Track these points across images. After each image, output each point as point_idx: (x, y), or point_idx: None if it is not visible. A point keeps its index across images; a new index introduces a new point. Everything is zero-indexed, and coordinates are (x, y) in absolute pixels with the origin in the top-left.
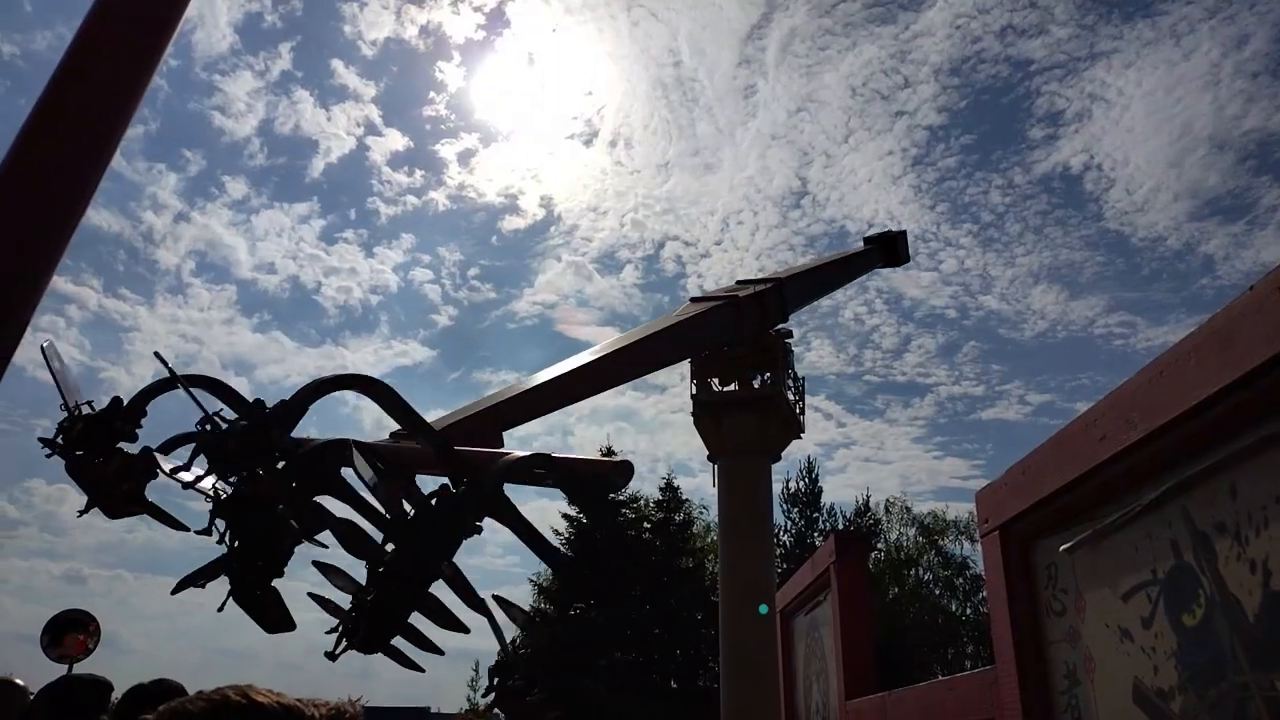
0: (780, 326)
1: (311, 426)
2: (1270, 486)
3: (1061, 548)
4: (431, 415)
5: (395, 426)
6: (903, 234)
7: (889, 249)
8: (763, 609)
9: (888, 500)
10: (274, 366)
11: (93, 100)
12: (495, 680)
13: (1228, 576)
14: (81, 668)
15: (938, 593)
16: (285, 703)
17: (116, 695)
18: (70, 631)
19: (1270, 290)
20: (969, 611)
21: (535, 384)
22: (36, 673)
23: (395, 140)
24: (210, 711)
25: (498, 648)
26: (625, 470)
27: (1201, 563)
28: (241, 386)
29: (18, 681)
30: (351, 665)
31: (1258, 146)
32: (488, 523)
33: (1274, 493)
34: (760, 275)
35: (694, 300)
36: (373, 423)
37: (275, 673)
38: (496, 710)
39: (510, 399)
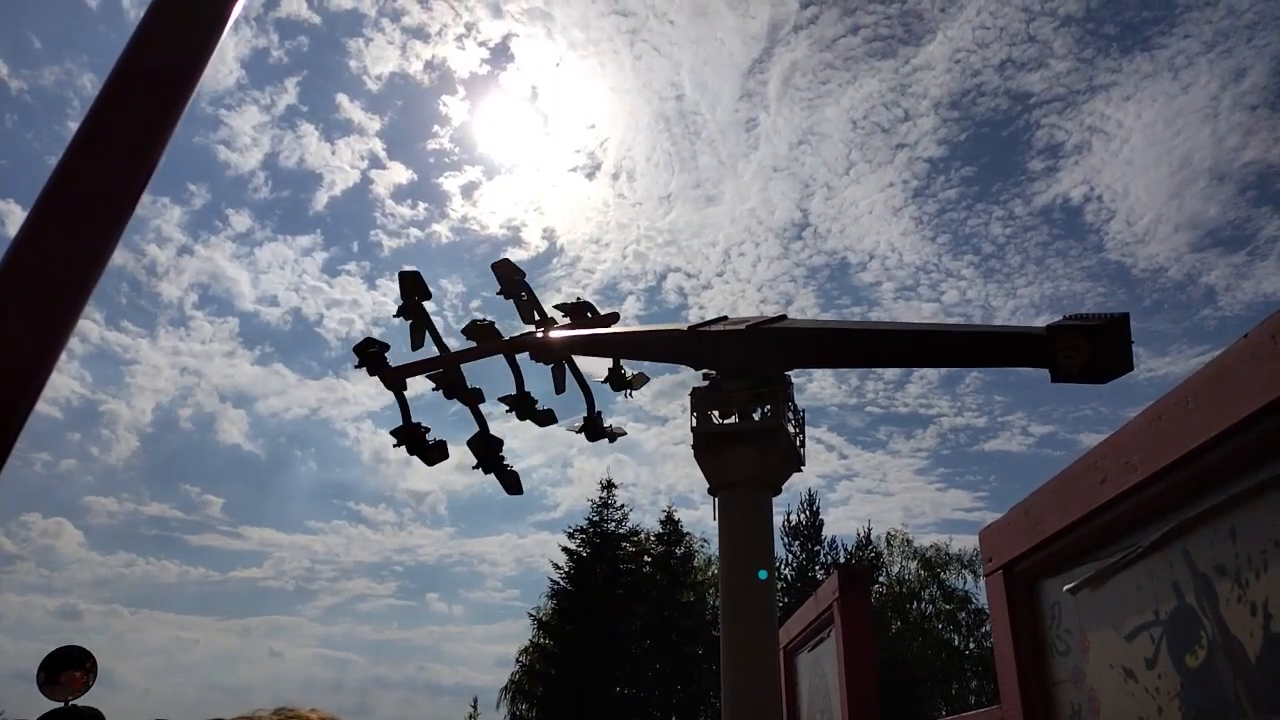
0: None
1: (311, 459)
2: (1269, 530)
3: (1065, 588)
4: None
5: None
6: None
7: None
8: (762, 574)
9: (889, 533)
10: (274, 399)
11: (120, 150)
12: None
13: (1229, 618)
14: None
15: (940, 626)
16: None
17: None
18: (67, 668)
19: (1265, 338)
20: (972, 645)
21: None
22: (32, 712)
23: (399, 173)
24: None
25: (497, 684)
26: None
27: (1203, 604)
28: (240, 419)
29: None
30: (345, 702)
31: (1257, 178)
32: (484, 563)
33: (1273, 536)
34: (769, 313)
35: (691, 328)
36: (370, 454)
37: (272, 708)
38: None
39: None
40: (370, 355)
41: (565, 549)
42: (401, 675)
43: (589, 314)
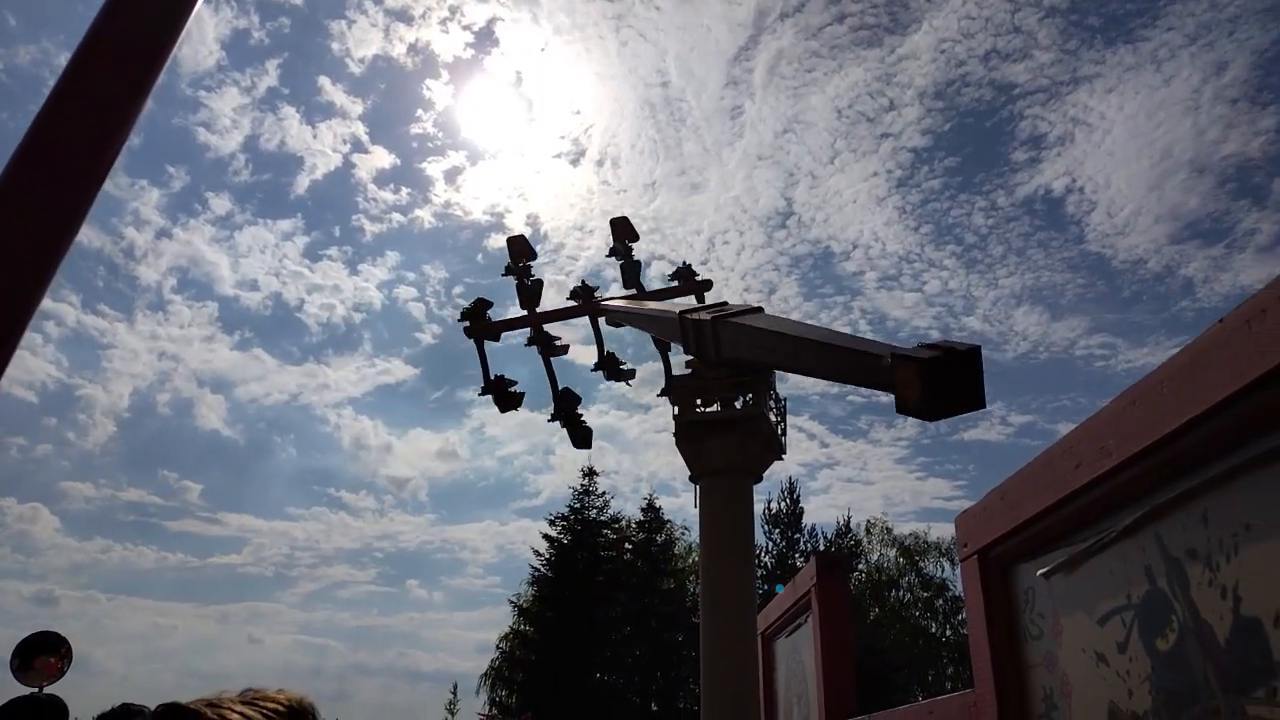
0: None
1: (291, 445)
2: (1240, 514)
3: (1039, 572)
4: (415, 433)
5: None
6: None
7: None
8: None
9: (869, 521)
10: (254, 384)
11: (89, 120)
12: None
13: (1199, 602)
14: (52, 690)
15: (918, 614)
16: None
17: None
18: (41, 654)
19: (1239, 324)
20: (949, 633)
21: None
22: (4, 697)
23: (381, 158)
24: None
25: (477, 670)
26: None
27: (1174, 588)
28: (219, 404)
29: None
30: (324, 688)
31: (1236, 171)
32: (465, 550)
33: (1244, 520)
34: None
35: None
36: (350, 440)
37: None
38: None
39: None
40: (474, 310)
41: (546, 536)
42: (381, 662)
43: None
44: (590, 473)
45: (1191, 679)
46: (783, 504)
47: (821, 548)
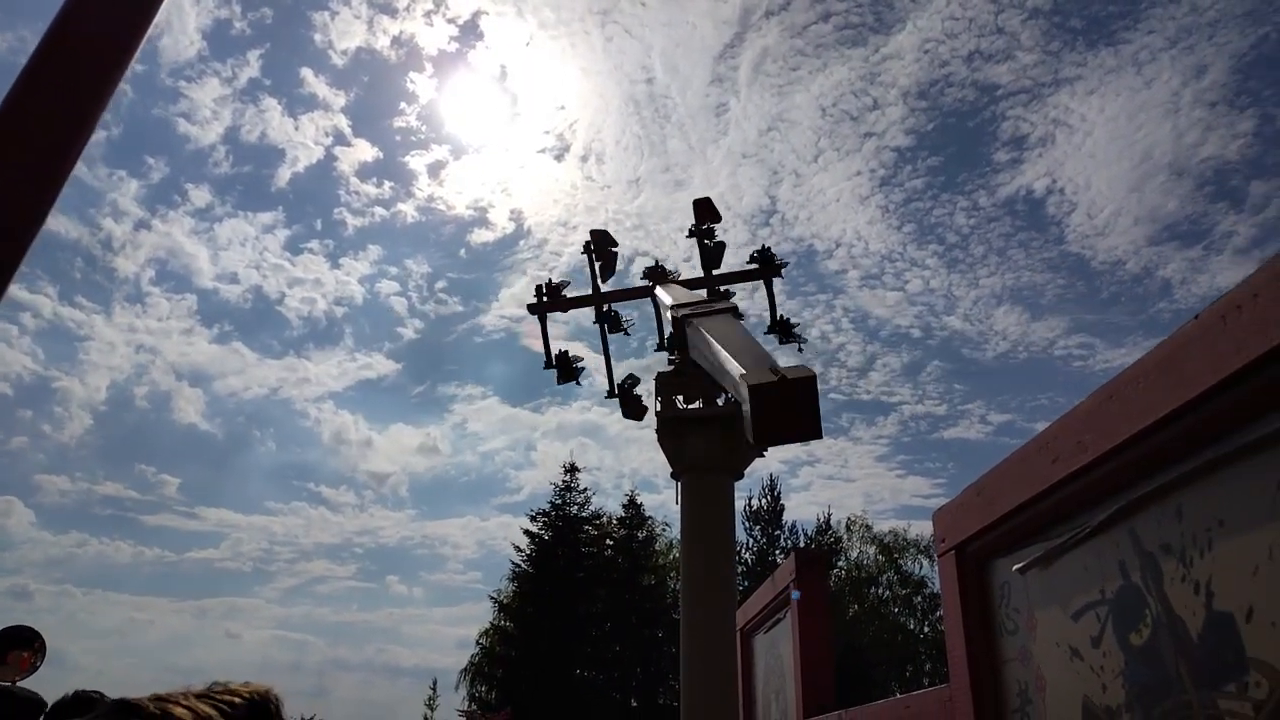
0: None
1: (271, 440)
2: (1214, 509)
3: (1014, 568)
4: (396, 428)
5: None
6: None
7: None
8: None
9: (849, 519)
10: (234, 378)
11: (54, 113)
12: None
13: (1173, 597)
14: (26, 685)
15: (896, 611)
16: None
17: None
18: (14, 648)
19: (1214, 319)
20: (927, 629)
21: None
22: None
23: (364, 151)
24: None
25: (457, 666)
26: None
27: (1148, 583)
28: (197, 398)
29: None
30: (303, 684)
31: (1214, 174)
32: (445, 546)
33: (1218, 516)
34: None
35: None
36: (330, 435)
37: None
38: None
39: None
40: (550, 289)
41: (527, 532)
42: (360, 657)
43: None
44: (572, 469)
45: (1164, 674)
46: (764, 501)
47: (802, 545)
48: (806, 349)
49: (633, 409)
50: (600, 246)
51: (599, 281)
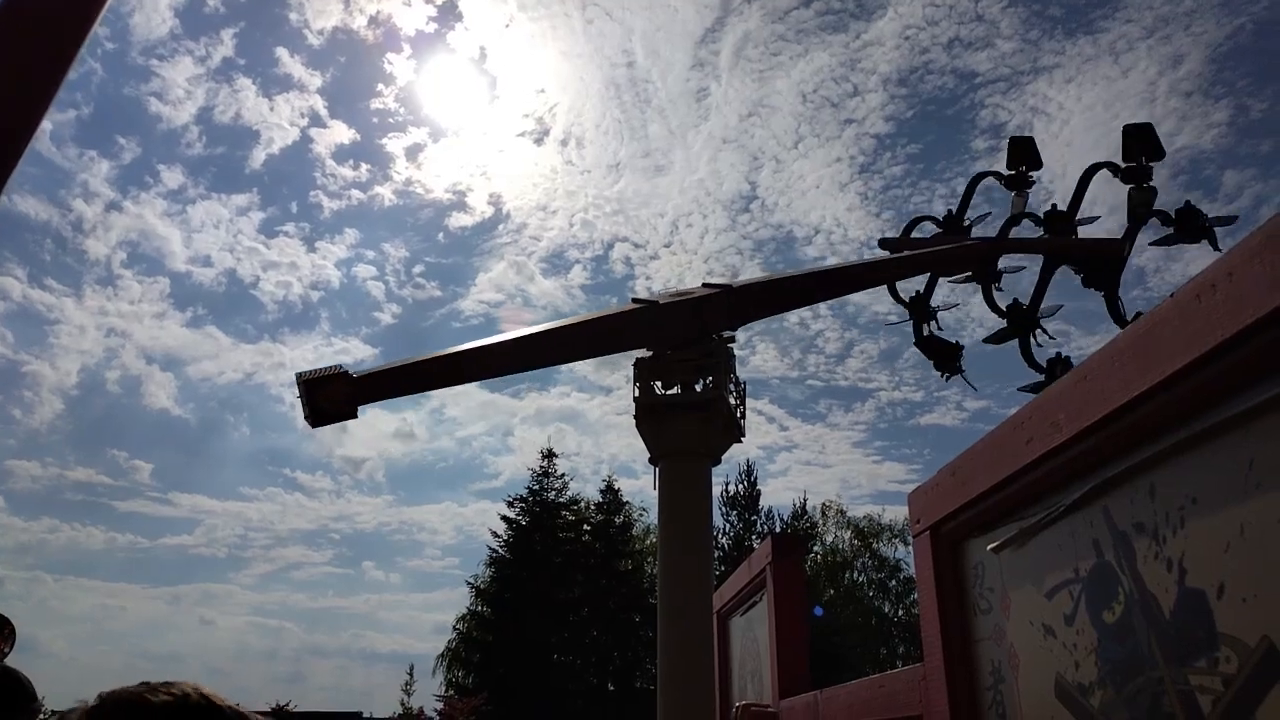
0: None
1: (245, 425)
2: (1187, 487)
3: (988, 547)
4: (372, 413)
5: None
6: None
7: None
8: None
9: (824, 504)
10: (208, 362)
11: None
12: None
13: (1146, 575)
14: None
15: (871, 594)
16: (242, 711)
17: None
18: None
19: (1189, 298)
20: (900, 613)
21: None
22: None
23: (340, 133)
24: (173, 708)
25: (434, 652)
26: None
27: (1121, 561)
28: (170, 383)
29: None
30: (279, 670)
31: (1189, 163)
32: (423, 531)
33: (1191, 494)
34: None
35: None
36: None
37: (203, 677)
38: (434, 711)
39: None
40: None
41: (505, 518)
42: (337, 643)
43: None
44: (549, 454)
45: (1136, 650)
46: (740, 486)
47: (778, 530)
48: (784, 336)
49: (950, 358)
50: (1018, 160)
51: (1013, 227)
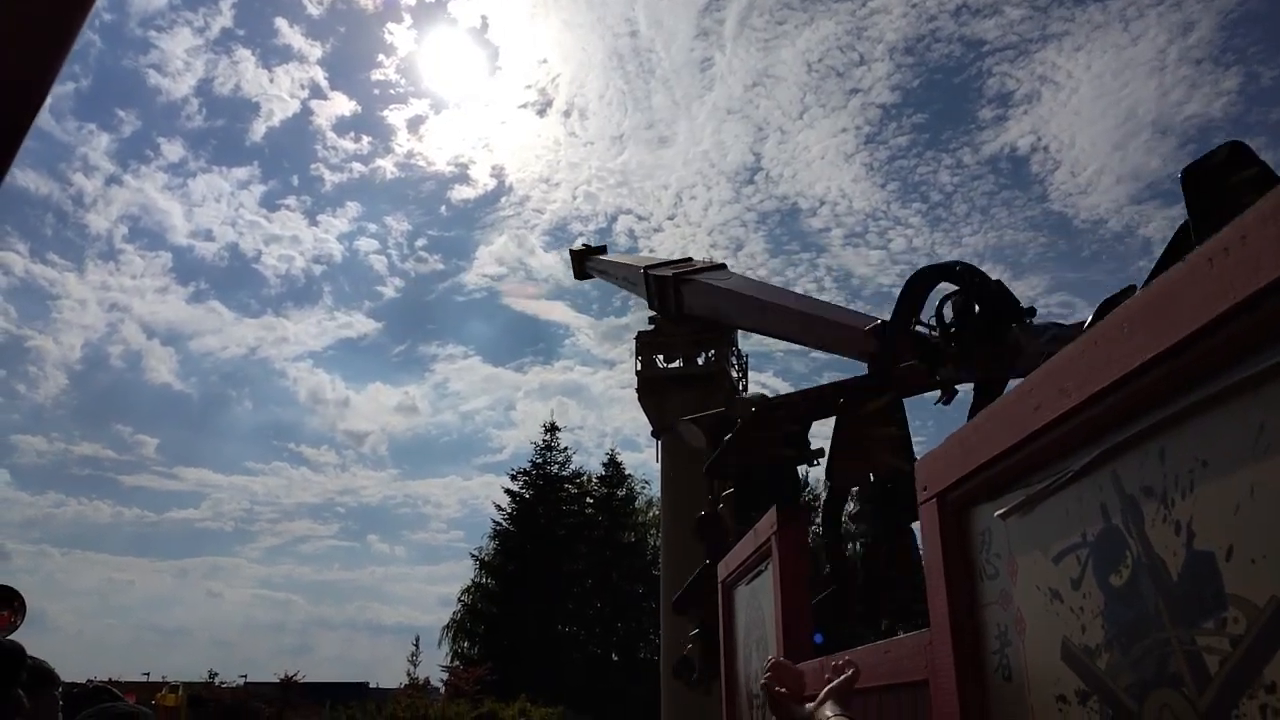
0: None
1: (249, 399)
2: (1196, 450)
3: (996, 513)
4: (374, 387)
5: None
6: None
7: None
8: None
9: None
10: (210, 337)
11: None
12: None
13: (1153, 538)
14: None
15: None
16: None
17: None
18: None
19: (1202, 262)
20: None
21: None
22: None
23: (341, 104)
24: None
25: (439, 624)
26: None
27: (1129, 525)
28: (172, 358)
29: None
30: (286, 642)
31: (1198, 132)
32: (428, 505)
33: (1200, 457)
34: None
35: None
36: (307, 394)
37: (209, 649)
38: (440, 682)
39: None
40: None
41: (508, 491)
42: (343, 616)
43: None
44: (552, 428)
45: (1144, 612)
46: None
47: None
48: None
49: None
50: None
51: None
